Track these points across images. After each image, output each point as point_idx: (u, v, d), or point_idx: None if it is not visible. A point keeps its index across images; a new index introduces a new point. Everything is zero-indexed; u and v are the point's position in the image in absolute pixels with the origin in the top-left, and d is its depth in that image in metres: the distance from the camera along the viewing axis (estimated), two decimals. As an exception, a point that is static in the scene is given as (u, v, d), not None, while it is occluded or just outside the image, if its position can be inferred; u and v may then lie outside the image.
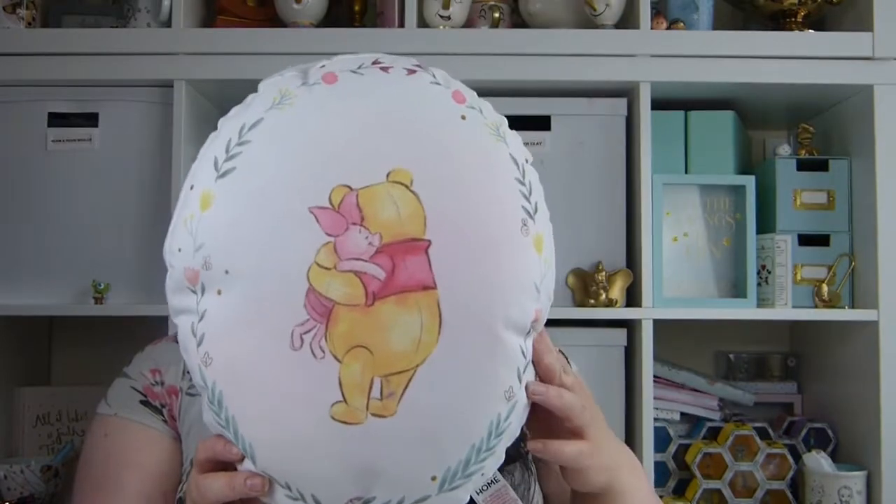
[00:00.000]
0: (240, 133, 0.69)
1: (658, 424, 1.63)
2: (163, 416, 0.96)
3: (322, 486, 0.66)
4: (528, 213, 0.71)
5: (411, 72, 0.72)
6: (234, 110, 0.72)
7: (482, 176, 0.69)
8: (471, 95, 0.74)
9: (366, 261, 0.64)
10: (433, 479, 0.67)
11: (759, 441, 1.63)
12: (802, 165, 1.65)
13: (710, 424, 1.68)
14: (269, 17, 1.66)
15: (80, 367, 1.80)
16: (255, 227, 0.66)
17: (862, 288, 1.60)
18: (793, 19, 1.65)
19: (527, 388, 0.70)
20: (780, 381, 1.84)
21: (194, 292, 0.68)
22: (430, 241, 0.65)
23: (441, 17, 1.59)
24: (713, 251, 1.64)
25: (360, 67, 0.71)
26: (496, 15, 1.66)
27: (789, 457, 1.63)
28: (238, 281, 0.66)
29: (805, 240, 1.64)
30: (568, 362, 0.92)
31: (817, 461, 1.57)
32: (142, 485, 0.93)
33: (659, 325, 1.54)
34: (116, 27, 1.69)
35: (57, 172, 1.57)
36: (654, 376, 1.54)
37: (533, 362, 0.73)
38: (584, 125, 1.61)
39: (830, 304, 1.59)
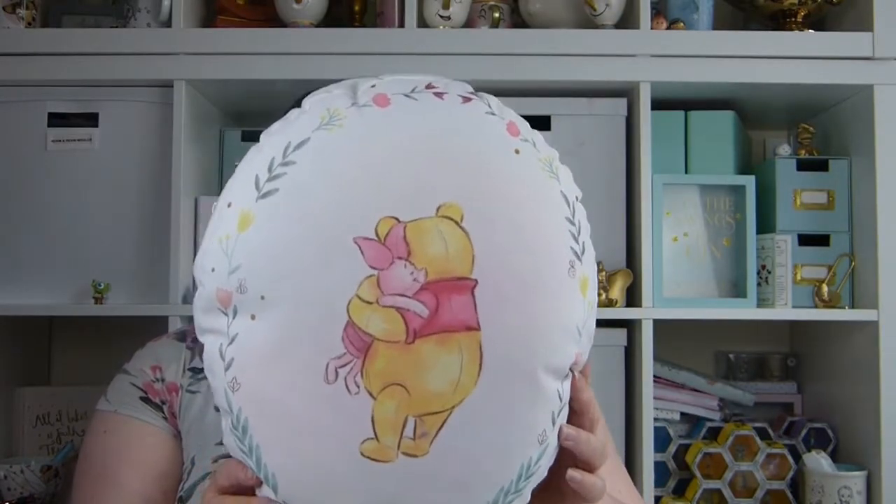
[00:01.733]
0: (284, 152, 0.65)
1: (658, 424, 1.63)
2: (163, 412, 0.96)
3: None
4: (576, 254, 0.69)
5: (466, 99, 0.69)
6: (276, 125, 0.68)
7: (533, 215, 0.67)
8: (524, 127, 0.71)
9: (409, 297, 0.62)
10: None
11: (759, 441, 1.63)
12: (802, 165, 1.65)
13: (710, 424, 1.68)
14: (269, 17, 1.66)
15: (80, 367, 1.80)
16: (296, 253, 0.63)
17: (862, 288, 1.60)
18: (793, 19, 1.65)
19: (560, 431, 0.69)
20: (780, 381, 1.84)
21: (225, 314, 0.66)
22: (476, 281, 0.63)
23: (441, 17, 1.59)
24: (713, 251, 1.64)
25: (413, 91, 0.68)
26: (496, 15, 1.66)
27: (789, 457, 1.63)
28: (274, 308, 0.63)
29: (805, 240, 1.64)
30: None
31: (817, 461, 1.57)
32: (141, 482, 0.93)
33: (659, 325, 1.54)
34: (116, 27, 1.69)
35: (57, 172, 1.57)
36: (654, 376, 1.54)
37: (570, 398, 0.71)
38: (584, 125, 1.61)
39: (830, 304, 1.59)
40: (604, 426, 0.79)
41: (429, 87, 0.69)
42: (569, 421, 0.71)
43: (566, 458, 0.72)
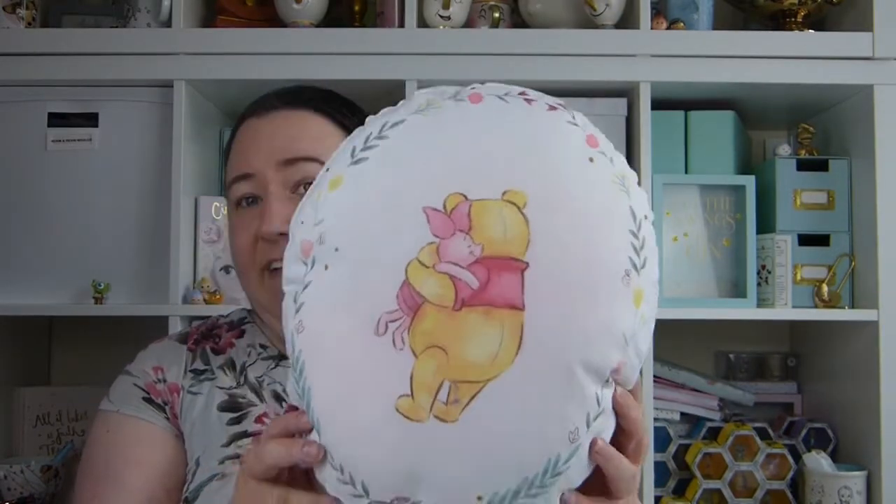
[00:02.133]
0: (381, 129, 0.71)
1: (658, 424, 1.63)
2: (165, 413, 0.97)
3: (372, 473, 0.67)
4: (635, 265, 0.72)
5: (552, 108, 0.74)
6: (384, 111, 0.74)
7: (595, 217, 0.69)
8: (604, 142, 0.74)
9: (463, 267, 0.65)
10: (479, 498, 0.66)
11: (759, 441, 1.63)
12: (802, 165, 1.66)
13: (710, 424, 1.68)
14: (269, 17, 1.66)
15: (80, 367, 1.80)
16: (371, 213, 0.68)
17: (862, 288, 1.60)
18: (793, 19, 1.65)
19: (592, 444, 0.68)
20: (780, 381, 1.84)
21: (306, 264, 0.71)
22: (527, 264, 0.66)
23: (441, 17, 1.59)
24: (713, 251, 1.64)
25: (506, 95, 0.73)
26: (496, 15, 1.66)
27: (789, 457, 1.63)
28: (345, 260, 0.68)
29: (805, 240, 1.64)
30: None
31: (817, 461, 1.57)
32: (144, 480, 0.93)
33: (659, 325, 1.54)
34: (116, 27, 1.69)
35: (57, 172, 1.57)
36: (654, 376, 1.54)
37: (618, 415, 0.71)
38: (585, 125, 1.61)
39: (830, 304, 1.59)
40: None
41: (521, 93, 0.74)
42: (613, 440, 0.71)
43: (596, 482, 0.71)
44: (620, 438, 0.71)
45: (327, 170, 0.73)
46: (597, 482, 0.71)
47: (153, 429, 0.96)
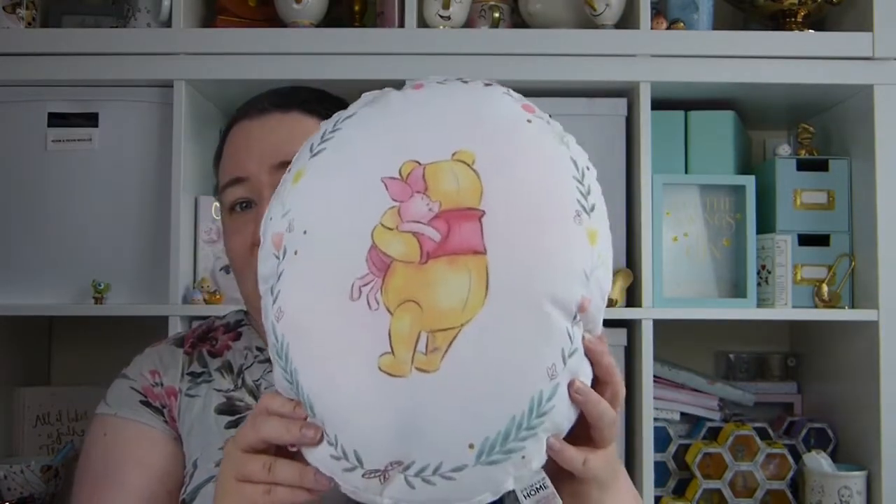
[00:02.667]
0: (334, 124, 0.77)
1: (658, 424, 1.63)
2: (163, 416, 0.96)
3: (365, 441, 0.69)
4: (584, 207, 0.74)
5: (487, 84, 0.79)
6: (337, 114, 0.79)
7: (541, 166, 0.74)
8: (538, 110, 0.79)
9: (424, 224, 0.69)
10: (471, 446, 0.68)
11: (759, 441, 1.63)
12: (802, 165, 1.66)
13: (710, 424, 1.68)
14: (269, 17, 1.66)
15: (80, 367, 1.80)
16: (334, 193, 0.72)
17: (862, 288, 1.60)
18: (793, 19, 1.65)
19: (570, 384, 0.71)
20: (780, 381, 1.84)
21: (278, 257, 0.73)
22: (484, 212, 0.70)
23: (441, 17, 1.59)
24: (713, 251, 1.64)
25: (444, 80, 0.79)
26: (496, 15, 1.66)
27: (789, 457, 1.63)
28: (313, 240, 0.72)
29: (805, 240, 1.64)
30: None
31: (817, 461, 1.57)
32: (145, 480, 0.93)
33: (659, 325, 1.54)
34: (116, 27, 1.69)
35: (57, 172, 1.57)
36: (654, 376, 1.54)
37: (592, 362, 0.74)
38: (584, 125, 1.61)
39: (830, 304, 1.59)
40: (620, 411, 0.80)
41: (458, 79, 0.80)
42: (592, 388, 0.73)
43: (581, 433, 0.73)
44: (596, 387, 0.74)
45: (290, 170, 0.77)
46: (581, 433, 0.73)
47: (151, 431, 0.96)
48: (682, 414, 1.68)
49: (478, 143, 0.73)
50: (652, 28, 1.56)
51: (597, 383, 0.74)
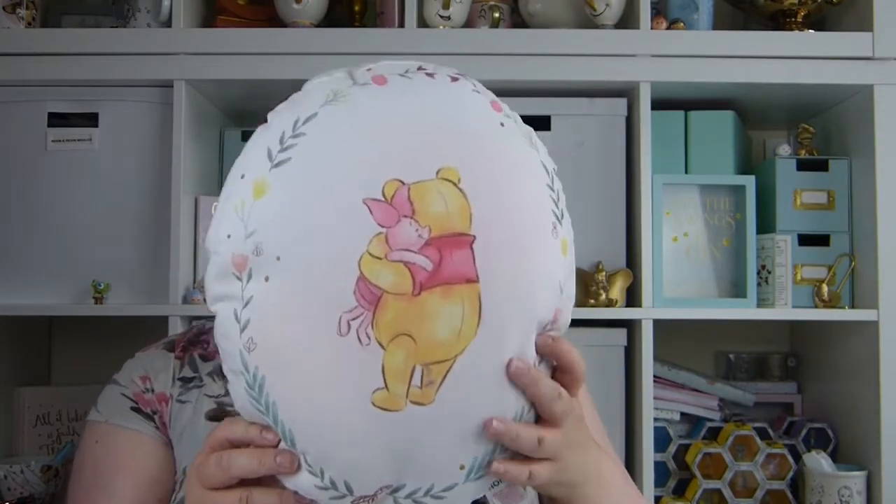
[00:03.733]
0: (294, 126, 0.70)
1: (658, 424, 1.63)
2: (154, 422, 0.95)
3: (356, 472, 0.68)
4: (557, 217, 0.74)
5: (454, 79, 0.76)
6: (282, 105, 0.73)
7: (520, 179, 0.73)
8: (505, 106, 0.77)
9: (415, 252, 0.66)
10: (461, 467, 0.69)
11: (759, 441, 1.63)
12: (802, 165, 1.65)
13: (710, 424, 1.68)
14: (269, 17, 1.66)
15: (80, 367, 1.80)
16: (310, 215, 0.67)
17: (862, 288, 1.60)
18: (793, 19, 1.65)
19: (509, 364, 0.70)
20: (780, 381, 1.84)
21: (239, 279, 0.69)
22: (474, 237, 0.68)
23: (441, 17, 1.59)
24: (713, 251, 1.64)
25: (406, 72, 0.75)
26: (496, 15, 1.66)
27: (789, 457, 1.63)
28: (289, 267, 0.67)
29: (805, 240, 1.64)
30: None
31: (817, 461, 1.57)
32: (136, 490, 0.92)
33: (659, 325, 1.54)
34: (116, 27, 1.69)
35: (57, 172, 1.57)
36: (654, 376, 1.54)
37: (555, 356, 0.74)
38: (584, 125, 1.61)
39: (830, 304, 1.59)
40: (590, 403, 0.83)
41: (420, 69, 0.75)
42: (553, 377, 0.74)
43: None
44: (557, 377, 0.75)
45: (242, 176, 0.70)
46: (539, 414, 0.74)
47: (142, 438, 0.94)
48: (682, 414, 1.68)
49: (460, 158, 0.69)
50: (652, 28, 1.56)
51: (556, 370, 0.75)
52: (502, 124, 0.74)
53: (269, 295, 0.67)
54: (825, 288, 1.60)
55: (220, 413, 0.95)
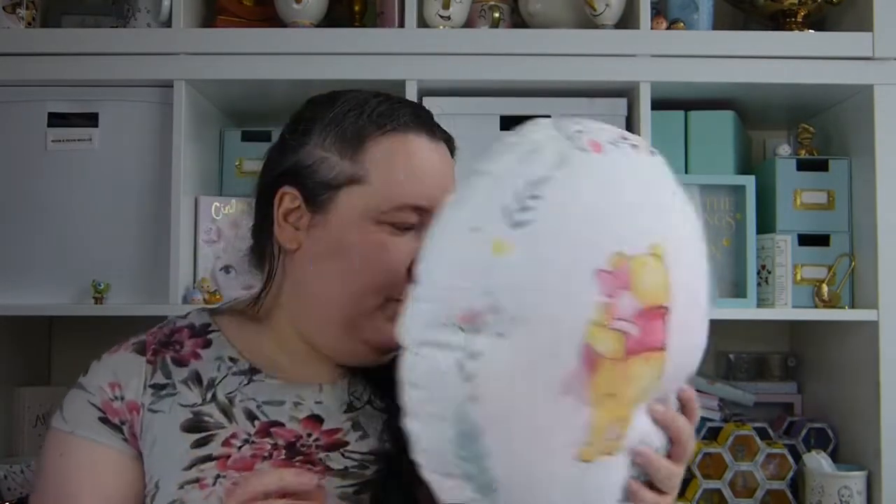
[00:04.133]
0: (526, 186, 0.73)
1: (658, 424, 1.62)
2: (122, 434, 0.92)
3: None
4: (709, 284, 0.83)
5: (652, 153, 0.84)
6: (508, 158, 0.75)
7: (694, 247, 0.82)
8: (667, 164, 0.86)
9: (629, 321, 0.72)
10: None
11: (759, 441, 1.63)
12: (802, 165, 1.65)
13: (710, 424, 1.68)
14: (269, 17, 1.66)
15: (80, 367, 1.77)
16: (551, 281, 0.71)
17: (862, 288, 1.60)
18: (793, 19, 1.65)
19: (637, 452, 0.79)
20: (780, 381, 1.84)
21: (463, 330, 0.71)
22: (668, 309, 0.75)
23: (441, 17, 1.59)
24: (713, 251, 1.64)
25: (616, 142, 0.79)
26: (496, 15, 1.66)
27: (789, 457, 1.63)
28: (523, 327, 0.71)
29: (805, 240, 1.63)
30: None
31: (817, 461, 1.57)
32: None
33: (659, 325, 1.54)
34: (116, 27, 1.69)
35: (57, 172, 1.57)
36: (655, 376, 1.54)
37: (666, 427, 0.84)
38: (585, 125, 1.61)
39: (830, 304, 1.59)
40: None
41: (624, 138, 0.81)
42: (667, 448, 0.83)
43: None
44: (672, 447, 0.83)
45: (474, 229, 0.72)
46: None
47: (109, 452, 0.91)
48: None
49: (664, 233, 0.77)
50: (652, 28, 1.56)
51: (670, 441, 0.83)
52: (676, 193, 0.83)
53: (501, 352, 0.71)
54: (825, 288, 1.60)
55: (197, 424, 0.91)
